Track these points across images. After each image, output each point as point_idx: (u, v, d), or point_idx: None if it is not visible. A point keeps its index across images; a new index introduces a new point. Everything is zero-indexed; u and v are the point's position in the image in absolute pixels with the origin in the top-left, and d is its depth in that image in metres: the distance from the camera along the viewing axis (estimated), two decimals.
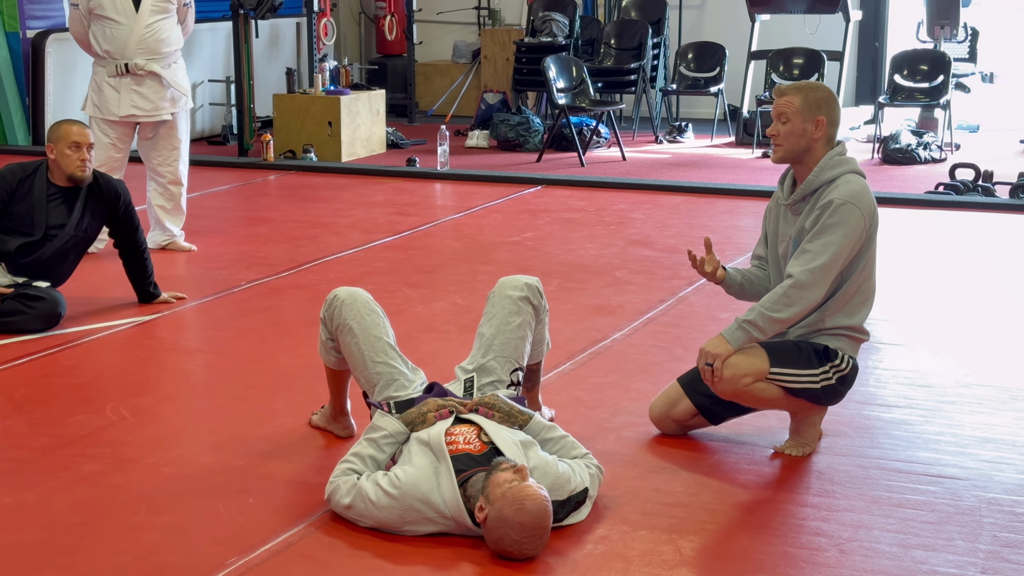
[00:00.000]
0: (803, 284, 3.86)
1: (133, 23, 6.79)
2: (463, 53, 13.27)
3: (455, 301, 6.02)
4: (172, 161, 7.05)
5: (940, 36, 11.00)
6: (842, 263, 3.89)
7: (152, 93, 6.89)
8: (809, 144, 3.96)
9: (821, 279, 3.87)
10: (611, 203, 8.53)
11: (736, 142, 11.24)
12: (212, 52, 11.74)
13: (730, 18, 12.11)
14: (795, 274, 3.87)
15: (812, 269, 3.85)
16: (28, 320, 5.43)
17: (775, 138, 4.00)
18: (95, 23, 6.84)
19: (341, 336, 3.95)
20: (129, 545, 3.46)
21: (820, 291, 3.88)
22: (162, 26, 6.86)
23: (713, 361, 3.90)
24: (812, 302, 3.89)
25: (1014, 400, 4.64)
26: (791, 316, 3.89)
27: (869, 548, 3.44)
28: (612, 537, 3.50)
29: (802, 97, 3.96)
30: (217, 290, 6.22)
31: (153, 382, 5.09)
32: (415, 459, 3.53)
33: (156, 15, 6.83)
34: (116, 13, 6.78)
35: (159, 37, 6.86)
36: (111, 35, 6.81)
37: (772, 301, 3.90)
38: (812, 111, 3.94)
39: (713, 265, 4.13)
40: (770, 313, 3.88)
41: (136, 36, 6.80)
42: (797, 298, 3.87)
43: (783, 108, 3.97)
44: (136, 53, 6.82)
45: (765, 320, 3.89)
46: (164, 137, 7.00)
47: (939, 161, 10.12)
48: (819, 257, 3.85)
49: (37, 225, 5.57)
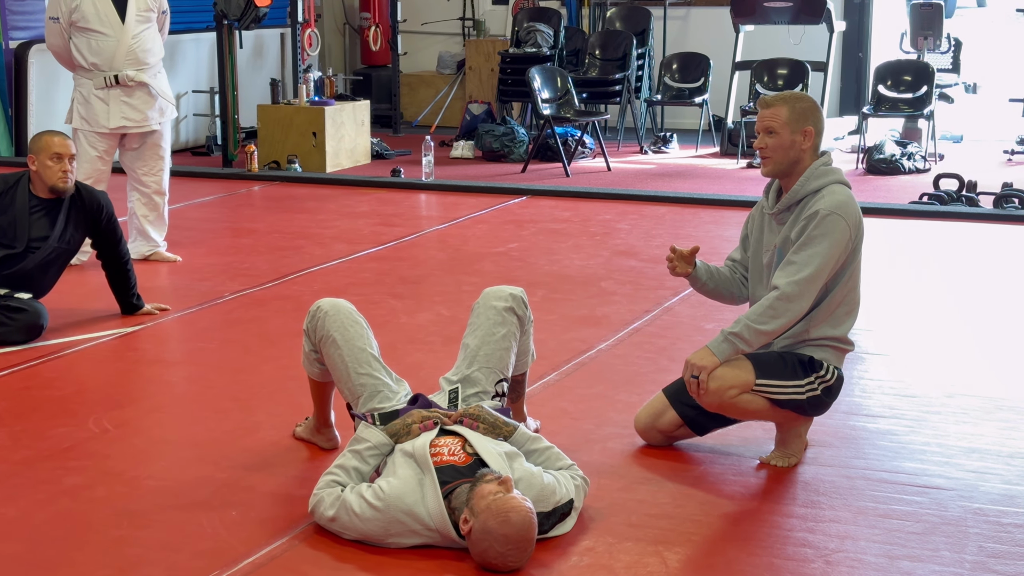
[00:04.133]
0: (789, 296, 3.85)
1: (120, 34, 6.77)
2: (448, 64, 13.27)
3: (440, 312, 6.00)
4: (157, 171, 7.04)
5: (923, 47, 11.04)
6: (828, 274, 3.89)
7: (142, 104, 6.87)
8: (798, 155, 3.95)
9: (807, 291, 3.86)
10: (596, 213, 8.53)
11: (721, 152, 11.25)
12: (196, 63, 11.72)
13: (714, 29, 12.13)
14: (781, 286, 3.86)
15: (798, 281, 3.85)
16: (10, 332, 5.40)
17: (763, 150, 3.97)
18: (78, 36, 6.80)
19: (324, 348, 3.94)
20: (111, 559, 3.44)
21: (806, 303, 3.88)
22: (147, 36, 6.86)
23: (699, 373, 3.89)
24: (798, 314, 3.89)
25: (999, 410, 4.64)
26: (777, 328, 3.89)
27: (855, 559, 3.44)
28: (598, 549, 3.49)
29: (789, 108, 3.94)
30: (200, 301, 6.20)
31: (136, 394, 5.06)
32: (399, 471, 3.51)
33: (141, 25, 6.83)
34: (102, 25, 6.75)
35: (145, 47, 6.85)
36: (98, 47, 6.77)
37: (758, 313, 3.89)
38: (799, 122, 3.93)
39: (684, 270, 4.15)
40: (756, 325, 3.88)
41: (124, 47, 6.78)
42: (783, 310, 3.87)
43: (769, 121, 3.95)
44: (125, 64, 6.80)
45: (751, 332, 3.88)
46: (151, 147, 6.99)
47: (923, 171, 10.14)
48: (805, 268, 3.85)
49: (19, 237, 5.54)
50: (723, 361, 3.89)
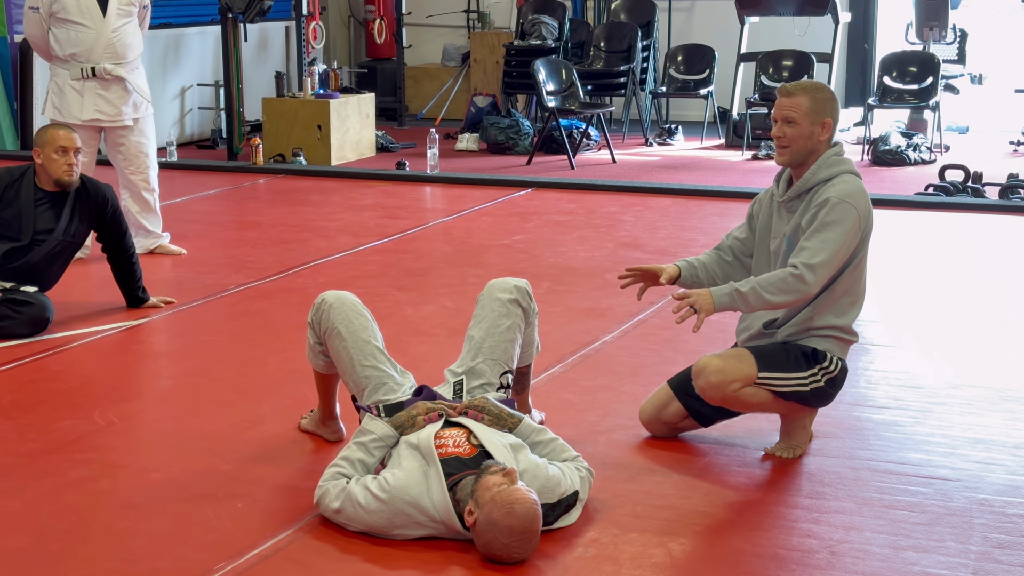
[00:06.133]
0: (803, 278, 3.82)
1: (100, 27, 6.73)
2: (452, 56, 13.26)
3: (444, 304, 6.00)
4: (144, 169, 6.99)
5: (929, 38, 11.01)
6: (840, 261, 3.87)
7: (116, 98, 6.83)
8: (815, 146, 3.93)
9: (820, 275, 3.84)
10: (601, 205, 8.53)
11: (726, 144, 11.24)
12: (201, 56, 11.73)
13: (719, 20, 12.11)
14: (798, 266, 3.83)
15: (813, 265, 3.82)
16: (16, 325, 5.41)
17: (780, 139, 3.93)
18: (58, 26, 6.76)
19: (329, 340, 3.94)
20: (117, 551, 3.44)
21: (816, 287, 3.86)
22: (127, 30, 6.82)
23: (693, 305, 3.85)
24: (806, 295, 3.87)
25: (1004, 401, 4.63)
26: (781, 302, 3.87)
27: (860, 550, 3.43)
28: (602, 540, 3.49)
29: (810, 99, 3.91)
30: (206, 294, 6.20)
31: (141, 387, 5.07)
32: (404, 463, 3.52)
33: (122, 19, 6.79)
34: (82, 17, 6.72)
35: (125, 42, 6.81)
36: (77, 39, 6.73)
37: (770, 282, 3.85)
38: (820, 113, 3.91)
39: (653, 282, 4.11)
40: (764, 293, 3.85)
41: (104, 40, 6.74)
42: (794, 288, 3.83)
43: (789, 110, 3.91)
44: (103, 57, 6.76)
45: (756, 296, 3.85)
46: (134, 145, 6.93)
47: (929, 163, 10.13)
48: (819, 254, 3.83)
49: (25, 230, 5.55)
50: (717, 309, 3.86)
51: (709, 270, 4.17)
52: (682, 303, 3.88)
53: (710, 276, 4.16)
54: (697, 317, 3.84)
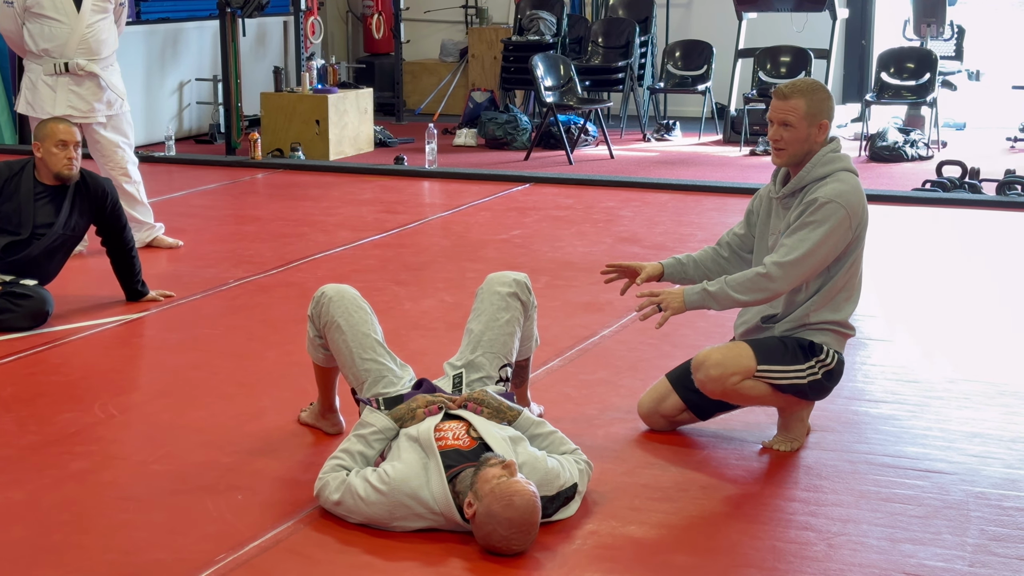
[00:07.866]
0: (771, 276, 3.86)
1: (74, 23, 6.69)
2: (451, 52, 13.26)
3: (443, 298, 6.02)
4: (121, 163, 6.93)
5: (927, 34, 11.03)
6: (818, 261, 3.88)
7: (89, 95, 6.79)
8: (812, 147, 3.94)
9: (790, 274, 3.86)
10: (599, 201, 8.54)
11: (724, 140, 11.25)
12: (199, 50, 11.73)
13: (717, 16, 12.12)
14: (767, 264, 3.88)
15: (782, 263, 3.86)
16: (15, 318, 5.42)
17: (777, 142, 3.93)
18: (32, 21, 6.71)
19: (329, 333, 3.95)
20: (117, 542, 3.45)
21: (786, 285, 3.89)
22: (102, 26, 6.78)
23: (660, 303, 3.92)
24: (775, 294, 3.91)
25: (1001, 395, 4.65)
26: (750, 301, 3.92)
27: (857, 542, 3.45)
28: (601, 532, 3.51)
29: (807, 102, 3.90)
30: (205, 288, 6.21)
31: (141, 380, 5.08)
32: (404, 455, 3.53)
33: (97, 15, 6.75)
34: (56, 12, 6.68)
35: (100, 38, 6.77)
36: (51, 34, 6.69)
37: (738, 282, 3.91)
38: (817, 116, 3.91)
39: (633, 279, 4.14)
40: (732, 292, 3.90)
41: (78, 36, 6.70)
42: (762, 287, 3.88)
43: (786, 114, 3.91)
44: (77, 53, 6.72)
45: (725, 295, 3.91)
46: (109, 142, 6.89)
47: (926, 159, 10.14)
48: (792, 252, 3.86)
49: (24, 224, 5.56)
50: (688, 308, 3.92)
51: (701, 266, 4.18)
52: (648, 300, 3.92)
53: (701, 272, 4.17)
54: (662, 315, 3.89)
